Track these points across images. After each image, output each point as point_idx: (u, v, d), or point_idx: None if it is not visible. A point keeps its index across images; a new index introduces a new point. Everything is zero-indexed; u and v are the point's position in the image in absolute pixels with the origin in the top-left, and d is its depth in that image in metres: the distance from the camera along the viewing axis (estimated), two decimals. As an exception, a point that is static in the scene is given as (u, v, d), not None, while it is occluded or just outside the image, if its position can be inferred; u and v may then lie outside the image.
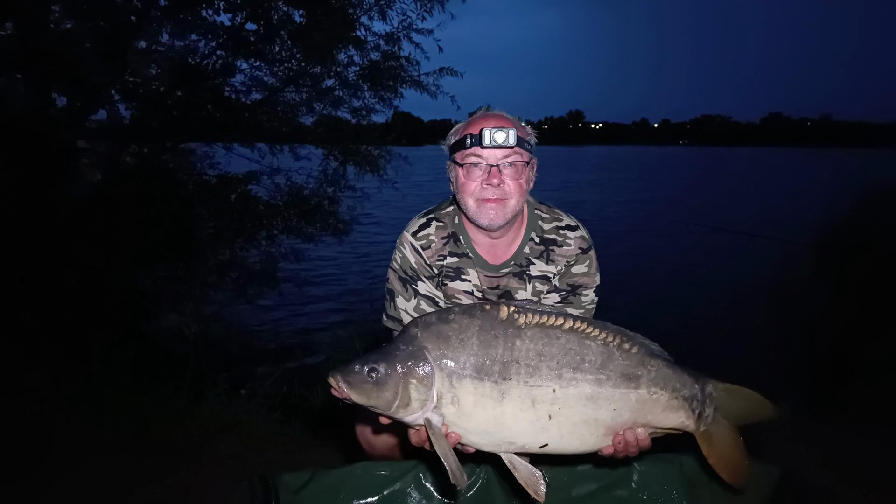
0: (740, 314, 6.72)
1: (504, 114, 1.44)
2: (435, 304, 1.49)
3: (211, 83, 5.98)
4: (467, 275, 1.48)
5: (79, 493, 2.14)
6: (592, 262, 1.52)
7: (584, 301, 1.51)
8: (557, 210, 1.55)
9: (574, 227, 1.52)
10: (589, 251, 1.52)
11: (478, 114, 1.44)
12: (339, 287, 10.16)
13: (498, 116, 1.42)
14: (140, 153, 5.88)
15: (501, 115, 1.43)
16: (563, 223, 1.52)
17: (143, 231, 4.79)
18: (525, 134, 1.42)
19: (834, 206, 5.27)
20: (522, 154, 1.40)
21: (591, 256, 1.52)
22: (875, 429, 2.59)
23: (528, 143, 1.41)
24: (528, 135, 1.42)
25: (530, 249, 1.49)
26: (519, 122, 1.44)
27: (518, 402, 1.09)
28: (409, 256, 1.49)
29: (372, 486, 1.30)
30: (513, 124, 1.40)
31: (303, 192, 6.32)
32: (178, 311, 5.61)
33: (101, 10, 5.20)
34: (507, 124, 1.38)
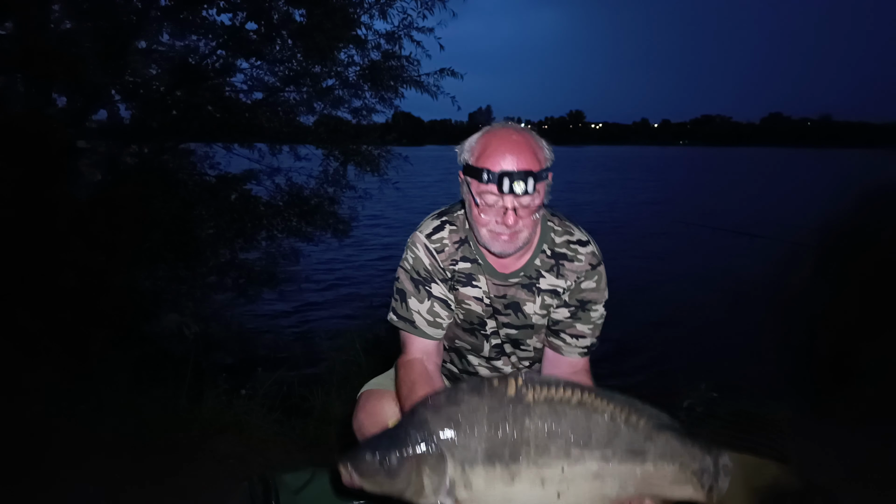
0: (740, 314, 6.73)
1: (524, 140, 1.32)
2: (448, 307, 1.47)
3: (211, 83, 5.98)
4: (478, 281, 1.47)
5: (79, 493, 2.14)
6: (601, 277, 1.50)
7: (594, 316, 1.50)
8: (569, 222, 1.50)
9: (585, 241, 1.49)
10: (598, 267, 1.49)
11: (496, 136, 1.33)
12: (339, 287, 10.17)
13: (518, 151, 1.30)
14: (140, 153, 5.88)
15: (521, 146, 1.31)
16: (574, 237, 1.48)
17: (143, 231, 4.79)
18: (543, 161, 1.33)
19: (834, 206, 5.26)
20: (541, 191, 1.34)
21: (600, 272, 1.50)
22: (875, 429, 2.59)
23: (546, 172, 1.33)
24: (545, 160, 1.34)
25: (541, 262, 1.47)
26: (537, 146, 1.34)
27: (528, 483, 1.10)
28: (423, 258, 1.47)
29: None
30: (533, 161, 1.31)
31: (303, 193, 6.33)
32: (178, 311, 5.61)
33: (101, 10, 5.20)
34: (527, 165, 1.29)
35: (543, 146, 1.36)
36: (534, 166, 1.30)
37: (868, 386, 3.13)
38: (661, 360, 6.53)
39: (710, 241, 12.96)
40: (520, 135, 1.33)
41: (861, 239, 4.70)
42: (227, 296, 6.28)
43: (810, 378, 4.03)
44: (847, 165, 39.01)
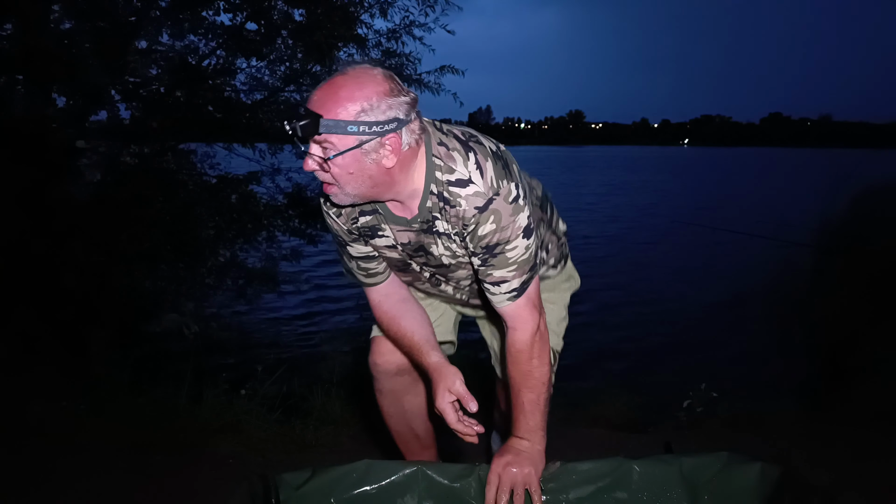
0: (740, 314, 6.73)
1: (339, 82, 1.13)
2: (373, 259, 1.44)
3: (211, 83, 5.98)
4: (383, 230, 1.37)
5: (78, 492, 2.14)
6: (499, 213, 1.23)
7: (510, 257, 1.27)
8: (455, 152, 1.23)
9: (465, 181, 1.22)
10: (489, 205, 1.22)
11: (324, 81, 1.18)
12: (339, 287, 10.17)
13: (320, 92, 1.14)
14: (140, 153, 5.89)
15: (329, 87, 1.13)
16: (453, 177, 1.23)
17: (143, 231, 4.79)
18: (351, 109, 1.12)
19: (834, 206, 5.26)
20: (332, 143, 1.14)
21: (494, 210, 1.23)
22: (875, 429, 2.59)
23: (353, 126, 1.12)
24: (360, 109, 1.12)
25: (432, 204, 1.27)
26: (352, 92, 1.12)
27: None
28: (331, 224, 1.43)
29: (374, 478, 1.31)
30: (329, 105, 1.12)
31: (304, 193, 6.33)
32: (178, 311, 5.61)
33: (101, 10, 5.21)
34: (316, 107, 1.12)
35: (363, 100, 1.12)
36: (325, 111, 1.11)
37: (868, 386, 3.13)
38: (661, 360, 6.54)
39: (710, 241, 12.96)
40: (345, 76, 1.14)
41: (861, 239, 4.70)
42: (227, 296, 6.29)
43: (810, 378, 4.04)
44: (847, 165, 38.99)
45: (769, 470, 1.27)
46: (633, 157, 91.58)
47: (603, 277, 9.60)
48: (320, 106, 1.13)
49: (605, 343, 7.02)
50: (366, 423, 2.87)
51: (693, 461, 1.33)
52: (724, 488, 1.29)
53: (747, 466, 1.29)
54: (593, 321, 7.56)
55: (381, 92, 1.13)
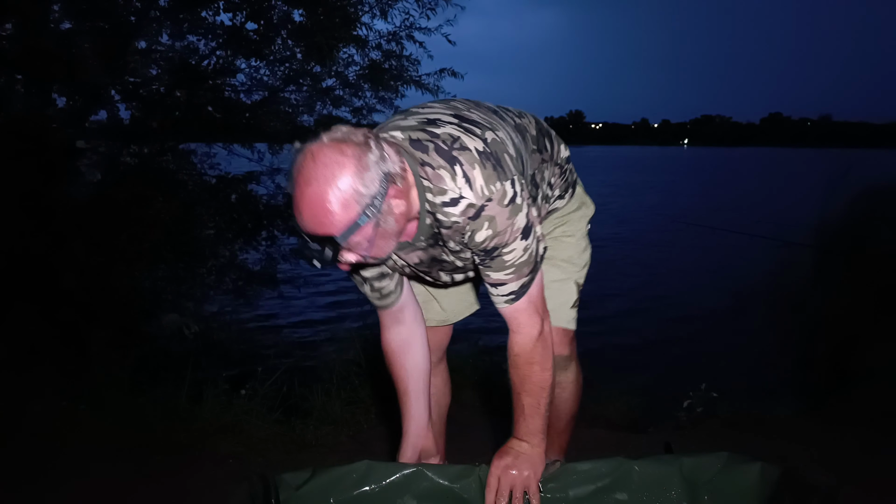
0: (740, 314, 6.72)
1: (319, 196, 1.04)
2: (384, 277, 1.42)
3: (211, 83, 5.98)
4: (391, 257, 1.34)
5: (78, 492, 2.14)
6: (494, 219, 1.17)
7: (508, 259, 1.23)
8: (441, 170, 1.16)
9: (456, 199, 1.17)
10: (481, 212, 1.17)
11: (298, 181, 1.06)
12: (339, 287, 10.17)
13: (312, 214, 1.05)
14: (140, 153, 5.89)
15: (315, 207, 1.04)
16: (445, 197, 1.17)
17: (143, 231, 4.79)
18: (350, 213, 1.05)
19: (834, 206, 5.26)
20: (357, 241, 1.09)
21: (488, 216, 1.17)
22: (875, 429, 2.59)
23: (368, 214, 1.06)
24: (355, 209, 1.05)
25: (430, 222, 1.24)
26: (337, 198, 1.04)
27: None
28: None
29: (374, 478, 1.31)
30: (333, 222, 1.04)
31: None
32: (178, 311, 5.61)
33: (101, 10, 5.21)
34: (324, 230, 1.05)
35: (353, 189, 1.05)
36: (332, 228, 1.05)
37: (868, 386, 3.13)
38: (661, 360, 6.54)
39: (709, 241, 12.96)
40: (318, 178, 1.04)
41: (861, 239, 4.70)
42: (227, 296, 6.29)
43: (810, 378, 4.04)
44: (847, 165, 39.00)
45: (769, 470, 1.27)
46: (633, 158, 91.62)
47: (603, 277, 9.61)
48: (323, 226, 1.06)
49: (605, 343, 7.02)
50: (366, 423, 2.87)
51: (693, 461, 1.32)
52: (724, 488, 1.29)
53: (747, 466, 1.29)
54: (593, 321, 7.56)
55: (359, 168, 1.05)
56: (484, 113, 1.33)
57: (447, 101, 1.39)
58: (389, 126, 1.25)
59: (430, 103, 1.36)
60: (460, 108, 1.31)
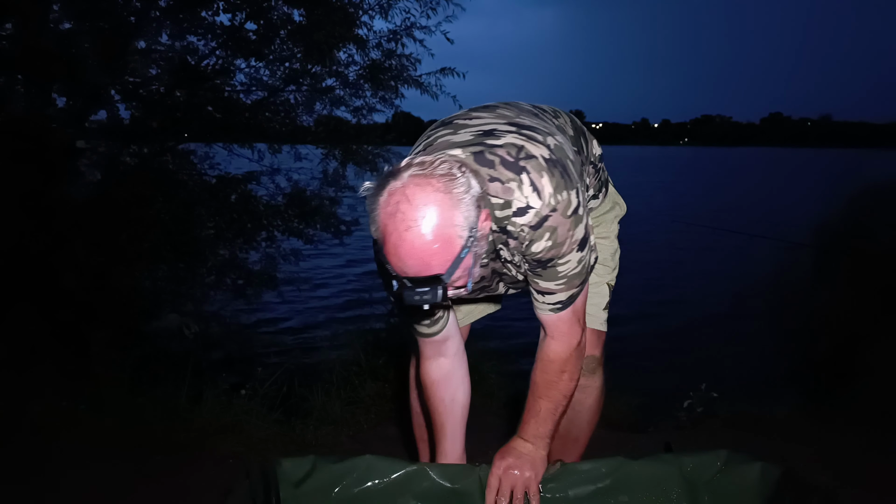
0: (740, 314, 6.73)
1: (418, 242, 1.00)
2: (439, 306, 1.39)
3: (211, 83, 5.98)
4: None
5: (78, 492, 2.14)
6: (555, 230, 1.15)
7: (561, 271, 1.20)
8: (511, 183, 1.13)
9: (524, 209, 1.14)
10: (543, 223, 1.14)
11: (391, 227, 1.01)
12: (339, 287, 10.18)
13: (414, 258, 1.01)
14: (140, 153, 5.89)
15: (416, 252, 1.00)
16: (512, 209, 1.14)
17: (143, 231, 4.79)
18: (451, 251, 1.01)
19: (834, 206, 5.26)
20: (460, 275, 1.06)
21: (550, 227, 1.15)
22: (875, 429, 2.59)
23: (468, 245, 1.03)
24: (455, 246, 1.02)
25: (494, 238, 1.21)
26: (438, 240, 1.00)
27: None
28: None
29: (375, 474, 1.31)
30: (435, 263, 1.01)
31: (303, 193, 6.33)
32: (178, 311, 5.61)
33: (100, 10, 5.21)
34: (427, 271, 1.01)
35: (455, 224, 1.01)
36: (437, 267, 1.01)
37: (868, 386, 3.13)
38: (661, 360, 6.53)
39: (709, 241, 12.97)
40: (419, 234, 0.99)
41: (861, 239, 4.70)
42: (227, 296, 6.28)
43: (810, 378, 4.03)
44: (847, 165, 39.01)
45: (769, 470, 1.27)
46: (633, 157, 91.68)
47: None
48: (430, 268, 1.01)
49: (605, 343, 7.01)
50: (366, 423, 2.87)
51: (693, 461, 1.32)
52: (725, 488, 1.29)
53: (747, 466, 1.29)
54: (593, 321, 7.52)
55: (454, 201, 1.01)
56: (532, 118, 1.28)
57: (487, 106, 1.34)
58: (441, 143, 1.20)
59: (473, 112, 1.31)
60: (509, 115, 1.27)
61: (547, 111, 1.42)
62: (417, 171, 1.03)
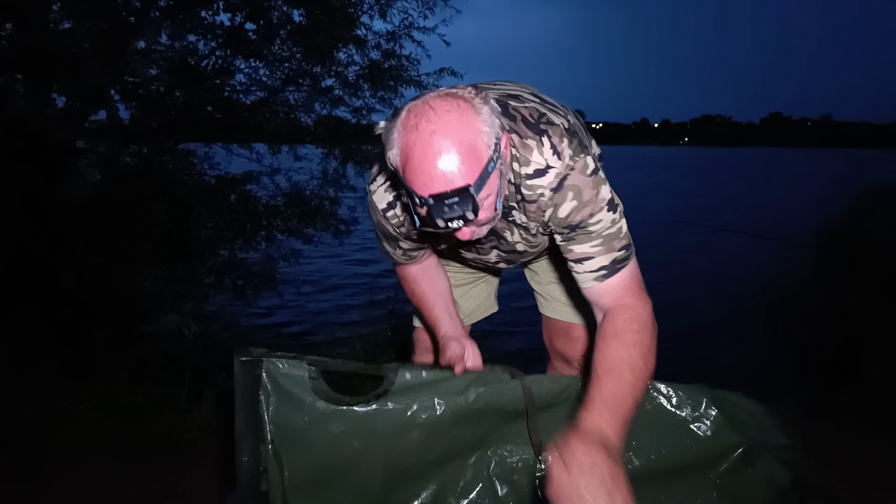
0: (740, 314, 6.73)
1: (450, 146, 0.96)
2: (420, 248, 1.39)
3: (210, 83, 5.98)
4: None
5: (79, 492, 2.14)
6: (578, 188, 1.11)
7: (594, 230, 1.14)
8: (529, 140, 1.12)
9: (543, 169, 1.11)
10: (564, 181, 1.11)
11: (417, 144, 0.97)
12: (338, 287, 10.17)
13: (446, 167, 0.96)
14: (140, 153, 5.89)
15: (449, 158, 0.96)
16: (531, 168, 1.12)
17: (143, 231, 4.79)
18: (482, 157, 0.98)
19: (834, 206, 5.27)
20: (489, 194, 1.02)
21: (571, 185, 1.11)
22: (876, 428, 2.59)
23: (488, 171, 0.99)
24: (485, 151, 0.98)
25: (509, 193, 1.18)
26: (470, 144, 0.97)
27: None
28: (385, 226, 1.31)
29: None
30: (468, 172, 0.96)
31: (303, 193, 6.33)
32: (178, 311, 5.61)
33: (101, 10, 5.21)
34: (461, 181, 0.96)
35: (480, 131, 0.98)
36: (467, 177, 0.97)
37: (869, 386, 3.13)
38: (661, 360, 6.53)
39: (710, 241, 12.96)
40: (444, 139, 0.96)
41: (861, 239, 4.70)
42: (226, 296, 6.28)
43: (810, 378, 4.04)
44: (847, 165, 39.03)
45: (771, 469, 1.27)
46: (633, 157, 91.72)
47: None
48: (457, 176, 0.96)
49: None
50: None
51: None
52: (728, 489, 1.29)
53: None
54: (593, 321, 7.53)
55: (478, 111, 1.00)
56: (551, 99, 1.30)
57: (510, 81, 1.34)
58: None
59: (499, 81, 1.30)
60: (534, 91, 1.28)
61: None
62: (441, 91, 1.03)
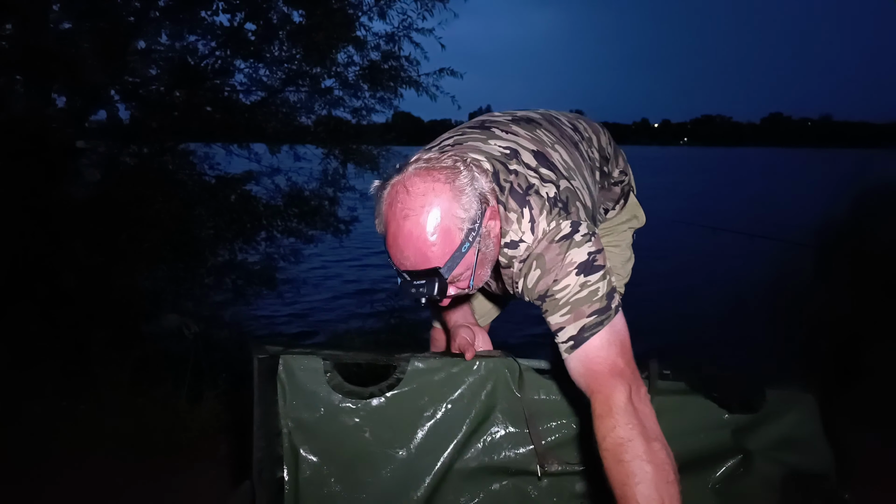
0: (740, 314, 6.73)
1: (418, 230, 0.98)
2: None
3: (210, 83, 5.98)
4: None
5: (79, 493, 2.14)
6: (542, 256, 1.07)
7: (561, 298, 1.05)
8: (512, 213, 1.09)
9: (517, 242, 1.09)
10: (533, 251, 1.08)
11: (392, 217, 1.00)
12: (338, 287, 10.17)
13: (413, 247, 0.99)
14: (140, 153, 5.88)
15: (415, 241, 0.99)
16: (507, 238, 1.11)
17: (143, 231, 4.79)
18: (452, 242, 0.99)
19: (834, 206, 5.26)
20: (461, 272, 1.04)
21: (536, 255, 1.08)
22: (875, 428, 2.59)
23: (461, 251, 1.01)
24: (457, 235, 1.00)
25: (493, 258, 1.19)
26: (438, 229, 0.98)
27: None
28: None
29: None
30: (436, 255, 0.99)
31: (303, 193, 6.33)
32: (178, 311, 5.61)
33: (101, 10, 5.21)
34: (426, 263, 0.99)
35: (455, 216, 0.99)
36: (436, 260, 0.99)
37: (869, 386, 3.13)
38: (661, 360, 6.53)
39: (710, 241, 12.96)
40: (416, 224, 0.98)
41: (861, 239, 4.70)
42: (226, 296, 6.28)
43: (810, 378, 4.03)
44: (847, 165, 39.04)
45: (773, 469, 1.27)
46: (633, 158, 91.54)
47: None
48: (427, 260, 0.99)
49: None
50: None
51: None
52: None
53: None
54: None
55: (455, 192, 1.00)
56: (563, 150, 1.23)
57: (532, 120, 1.28)
58: (470, 146, 1.16)
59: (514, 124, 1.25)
60: (544, 142, 1.21)
61: (580, 129, 1.39)
62: (422, 164, 1.02)
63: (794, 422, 1.35)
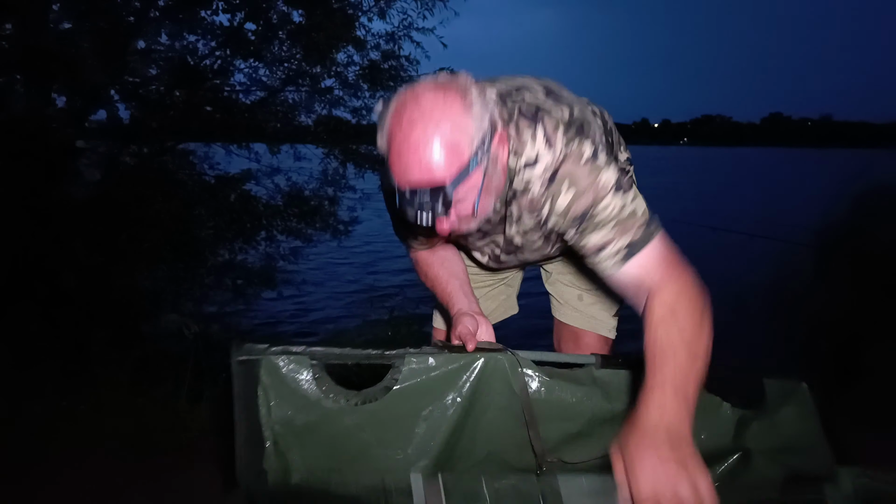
0: (740, 314, 6.72)
1: (431, 138, 0.93)
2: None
3: (210, 83, 5.98)
4: None
5: (79, 493, 2.15)
6: (574, 175, 1.05)
7: (602, 217, 1.05)
8: (526, 128, 1.08)
9: (533, 161, 1.07)
10: (557, 172, 1.06)
11: (401, 130, 0.95)
12: (338, 287, 10.17)
13: (423, 158, 0.93)
14: (140, 153, 5.89)
15: (427, 149, 0.93)
16: (522, 159, 1.08)
17: (143, 231, 4.79)
18: (465, 151, 0.94)
19: (834, 206, 5.26)
20: (466, 193, 0.98)
21: (566, 175, 1.06)
22: (875, 428, 2.59)
23: (469, 167, 0.95)
24: (469, 146, 0.95)
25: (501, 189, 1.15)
26: (453, 137, 0.94)
27: None
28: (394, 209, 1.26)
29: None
30: (447, 165, 0.93)
31: (303, 193, 6.33)
32: (178, 311, 5.61)
33: (100, 10, 5.21)
34: (436, 178, 0.93)
35: (465, 128, 0.95)
36: (442, 172, 0.94)
37: (869, 385, 3.13)
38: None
39: (710, 241, 12.96)
40: (424, 132, 0.93)
41: (861, 239, 4.70)
42: (226, 296, 6.28)
43: (810, 378, 4.03)
44: (847, 165, 39.04)
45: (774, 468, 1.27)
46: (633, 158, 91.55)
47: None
48: (432, 172, 0.94)
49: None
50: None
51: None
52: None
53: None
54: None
55: (466, 107, 0.96)
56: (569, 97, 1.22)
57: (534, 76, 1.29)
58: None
59: (519, 76, 1.26)
60: (550, 86, 1.21)
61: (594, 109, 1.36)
62: (432, 81, 1.00)
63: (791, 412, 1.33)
